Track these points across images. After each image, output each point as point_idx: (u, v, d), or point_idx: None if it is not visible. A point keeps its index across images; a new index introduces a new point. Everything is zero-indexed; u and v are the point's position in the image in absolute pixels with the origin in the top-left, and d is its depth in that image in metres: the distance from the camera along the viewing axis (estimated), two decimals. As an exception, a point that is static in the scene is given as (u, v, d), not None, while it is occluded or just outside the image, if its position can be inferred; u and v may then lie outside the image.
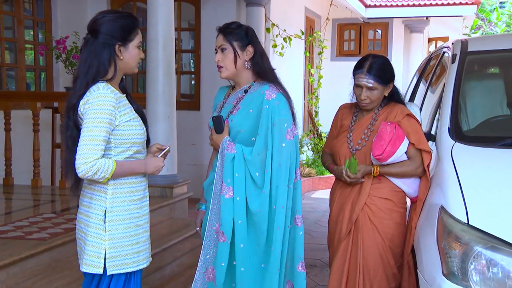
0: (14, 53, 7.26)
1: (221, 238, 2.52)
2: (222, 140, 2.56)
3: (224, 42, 2.59)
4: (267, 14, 8.13)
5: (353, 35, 11.56)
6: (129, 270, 2.33)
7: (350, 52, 11.50)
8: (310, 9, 10.14)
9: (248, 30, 2.65)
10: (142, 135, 2.35)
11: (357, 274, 2.76)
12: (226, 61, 2.59)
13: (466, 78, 3.20)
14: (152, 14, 5.38)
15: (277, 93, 2.56)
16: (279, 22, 8.42)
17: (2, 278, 3.21)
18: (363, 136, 2.85)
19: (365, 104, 2.84)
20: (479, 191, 2.39)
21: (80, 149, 2.15)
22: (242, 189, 2.52)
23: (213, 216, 2.56)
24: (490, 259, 2.13)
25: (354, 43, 11.56)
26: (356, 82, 2.84)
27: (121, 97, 2.31)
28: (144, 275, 3.99)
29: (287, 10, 8.91)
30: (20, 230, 3.89)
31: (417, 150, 2.76)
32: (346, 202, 2.85)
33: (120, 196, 2.29)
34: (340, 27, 11.56)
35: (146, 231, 2.41)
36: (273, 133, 2.52)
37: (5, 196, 5.51)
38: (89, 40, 2.30)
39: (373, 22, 11.28)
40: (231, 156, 2.52)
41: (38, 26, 7.66)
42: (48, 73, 7.67)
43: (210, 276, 2.55)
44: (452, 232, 2.26)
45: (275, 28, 8.31)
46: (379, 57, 2.87)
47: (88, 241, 2.27)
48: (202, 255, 2.57)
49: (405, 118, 2.79)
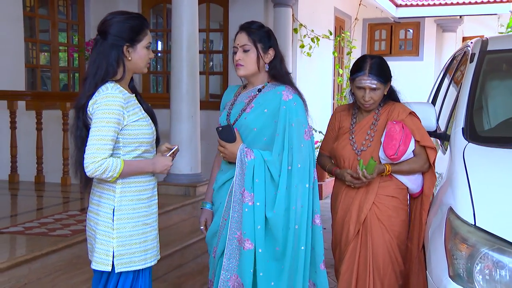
0: (49, 55, 7.49)
1: (246, 245, 2.49)
2: (239, 148, 2.53)
3: (248, 42, 2.57)
4: (295, 15, 8.13)
5: (383, 35, 11.45)
6: (136, 268, 2.35)
7: (381, 52, 11.39)
8: (339, 9, 10.09)
9: (270, 32, 2.64)
10: (151, 134, 2.38)
11: (367, 274, 2.76)
12: (248, 60, 2.57)
13: (484, 77, 3.15)
14: (177, 15, 5.46)
15: (293, 94, 2.56)
16: (307, 22, 8.42)
17: (24, 273, 3.33)
18: (367, 137, 2.85)
19: (368, 105, 2.83)
20: (488, 192, 2.34)
21: (89, 149, 2.19)
22: (262, 194, 2.51)
23: (233, 225, 2.54)
24: (496, 261, 2.10)
25: (385, 42, 11.44)
26: (357, 85, 2.81)
27: (130, 97, 2.34)
28: (164, 272, 4.08)
29: (316, 10, 8.89)
30: (45, 226, 4.01)
31: (421, 147, 2.78)
32: (353, 203, 2.84)
33: (129, 195, 2.32)
34: (371, 27, 11.47)
35: (154, 229, 2.44)
36: (292, 133, 2.52)
37: (36, 194, 5.69)
38: (98, 41, 2.34)
39: (404, 21, 11.14)
40: (252, 162, 2.50)
41: (72, 28, 7.87)
42: (81, 74, 7.88)
43: (234, 284, 2.54)
44: (458, 233, 2.22)
45: (302, 28, 8.30)
46: (376, 57, 2.87)
47: (97, 239, 2.31)
48: (225, 263, 2.55)
49: (409, 117, 2.81)
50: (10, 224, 4.11)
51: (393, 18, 10.81)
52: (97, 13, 8.03)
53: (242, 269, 2.52)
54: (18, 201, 5.51)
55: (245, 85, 2.72)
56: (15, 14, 6.50)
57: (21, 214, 4.70)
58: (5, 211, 4.67)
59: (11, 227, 4.01)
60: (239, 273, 2.52)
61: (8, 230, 3.92)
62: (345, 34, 9.74)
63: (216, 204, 2.70)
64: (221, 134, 2.55)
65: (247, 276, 2.51)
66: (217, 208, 2.68)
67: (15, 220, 4.38)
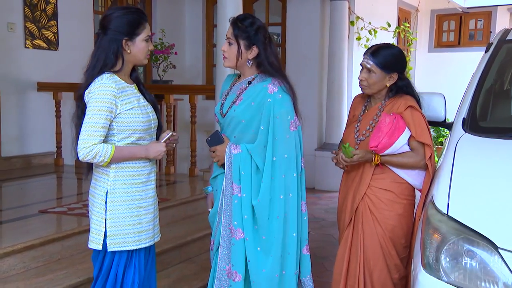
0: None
1: (238, 235, 2.62)
2: (227, 146, 2.65)
3: (231, 37, 2.66)
4: (352, 8, 8.09)
5: (452, 26, 11.04)
6: (130, 248, 2.49)
7: (449, 43, 10.99)
8: (403, 0, 9.88)
9: (258, 29, 2.65)
10: (145, 122, 2.50)
11: (357, 263, 2.79)
12: (230, 53, 2.67)
13: (497, 67, 3.06)
14: (221, 9, 5.62)
15: (279, 86, 2.63)
16: (365, 14, 8.33)
17: (57, 249, 3.64)
18: (368, 127, 2.85)
19: (362, 86, 2.84)
20: (467, 183, 2.32)
21: (81, 135, 2.37)
22: (248, 185, 2.62)
23: (226, 217, 2.67)
24: (463, 251, 2.09)
25: (453, 33, 11.03)
26: (360, 63, 2.86)
27: (126, 87, 2.48)
28: (195, 254, 4.28)
29: (376, 2, 8.77)
30: (86, 208, 4.32)
31: (420, 142, 2.73)
32: (349, 192, 2.88)
33: (122, 179, 2.47)
34: (439, 18, 11.09)
35: (149, 212, 2.56)
36: (277, 125, 2.60)
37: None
38: (99, 35, 2.51)
39: (473, 11, 10.69)
40: (238, 156, 2.62)
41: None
42: (146, 68, 8.31)
43: (229, 272, 2.67)
44: (431, 222, 2.23)
45: (359, 21, 8.25)
46: (391, 46, 2.85)
47: (92, 219, 2.50)
48: (220, 253, 2.69)
49: (407, 110, 2.75)
50: (56, 205, 4.48)
51: (461, 8, 10.40)
52: (163, 11, 8.43)
53: (235, 258, 2.64)
54: (69, 184, 5.99)
55: (239, 75, 2.81)
56: (85, 12, 7.05)
57: (68, 196, 5.10)
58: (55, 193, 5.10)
59: (57, 207, 4.38)
60: (233, 262, 2.65)
61: (54, 210, 4.29)
62: (404, 25, 9.51)
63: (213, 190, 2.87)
64: (211, 142, 2.69)
65: (240, 265, 2.63)
66: (214, 194, 2.84)
67: (61, 201, 4.77)
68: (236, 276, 2.64)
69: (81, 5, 6.97)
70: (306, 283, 2.82)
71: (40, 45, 6.48)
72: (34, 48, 6.40)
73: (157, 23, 8.25)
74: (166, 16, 8.45)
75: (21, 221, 4.00)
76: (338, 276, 2.89)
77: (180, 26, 8.75)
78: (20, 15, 6.24)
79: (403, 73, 2.85)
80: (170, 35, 7.89)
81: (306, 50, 8.00)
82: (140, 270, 2.59)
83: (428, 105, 2.93)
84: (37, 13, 6.42)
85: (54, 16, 6.63)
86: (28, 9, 6.31)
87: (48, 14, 6.56)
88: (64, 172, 6.28)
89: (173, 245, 4.13)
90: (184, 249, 4.25)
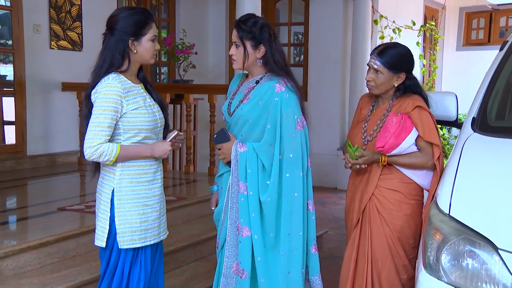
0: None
1: (245, 233, 2.64)
2: (233, 144, 2.67)
3: (236, 39, 2.68)
4: (375, 7, 8.02)
5: (482, 23, 10.82)
6: (136, 245, 2.52)
7: (479, 41, 10.78)
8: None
9: (262, 27, 2.67)
10: (151, 122, 2.52)
11: (365, 263, 2.77)
12: (238, 55, 2.69)
13: (511, 66, 2.99)
14: (240, 8, 5.64)
15: (286, 86, 2.65)
16: (389, 13, 8.26)
17: (72, 246, 3.72)
18: (375, 127, 2.82)
19: (369, 86, 2.82)
20: (471, 183, 2.27)
21: (87, 134, 2.42)
22: (255, 184, 2.64)
23: (233, 215, 2.69)
24: (464, 251, 2.06)
25: (483, 31, 10.81)
26: (367, 63, 2.83)
27: (132, 87, 2.51)
28: (209, 252, 4.30)
29: (400, 1, 8.67)
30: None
31: (429, 143, 2.69)
32: (356, 192, 2.86)
33: (128, 178, 2.50)
34: (468, 16, 10.89)
35: (155, 211, 2.59)
36: (284, 124, 2.62)
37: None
38: (106, 35, 2.55)
39: (504, 8, 10.46)
40: (244, 154, 2.64)
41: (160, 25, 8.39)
42: (170, 67, 8.40)
43: (236, 270, 2.70)
44: (433, 222, 2.20)
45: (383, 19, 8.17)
46: (399, 46, 2.82)
47: (98, 216, 2.55)
48: (227, 251, 2.71)
49: (415, 110, 2.71)
50: (75, 203, 4.57)
51: (491, 6, 10.19)
52: (187, 11, 8.51)
53: (242, 255, 2.66)
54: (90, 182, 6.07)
55: (247, 75, 2.84)
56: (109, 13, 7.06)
57: (88, 194, 5.18)
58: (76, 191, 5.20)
59: (75, 205, 4.46)
60: (240, 260, 2.67)
61: (72, 208, 4.37)
62: (430, 23, 9.36)
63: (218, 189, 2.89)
64: (217, 140, 2.71)
65: (247, 262, 2.66)
66: (219, 192, 2.87)
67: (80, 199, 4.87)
68: (243, 273, 2.66)
69: (105, 7, 7.07)
70: (315, 282, 2.82)
71: (65, 46, 6.62)
72: (59, 49, 6.54)
73: (180, 23, 8.33)
74: (190, 16, 8.52)
75: (40, 218, 4.10)
76: (345, 276, 2.88)
77: (203, 26, 8.81)
78: (46, 17, 6.38)
79: (411, 72, 2.82)
80: (193, 35, 7.96)
81: (329, 50, 7.97)
82: (146, 267, 2.62)
83: (437, 104, 2.88)
84: (62, 14, 6.56)
85: (79, 17, 6.76)
86: (53, 11, 6.45)
87: (72, 15, 6.70)
88: (87, 170, 6.41)
89: (187, 243, 4.17)
90: (199, 247, 4.28)
